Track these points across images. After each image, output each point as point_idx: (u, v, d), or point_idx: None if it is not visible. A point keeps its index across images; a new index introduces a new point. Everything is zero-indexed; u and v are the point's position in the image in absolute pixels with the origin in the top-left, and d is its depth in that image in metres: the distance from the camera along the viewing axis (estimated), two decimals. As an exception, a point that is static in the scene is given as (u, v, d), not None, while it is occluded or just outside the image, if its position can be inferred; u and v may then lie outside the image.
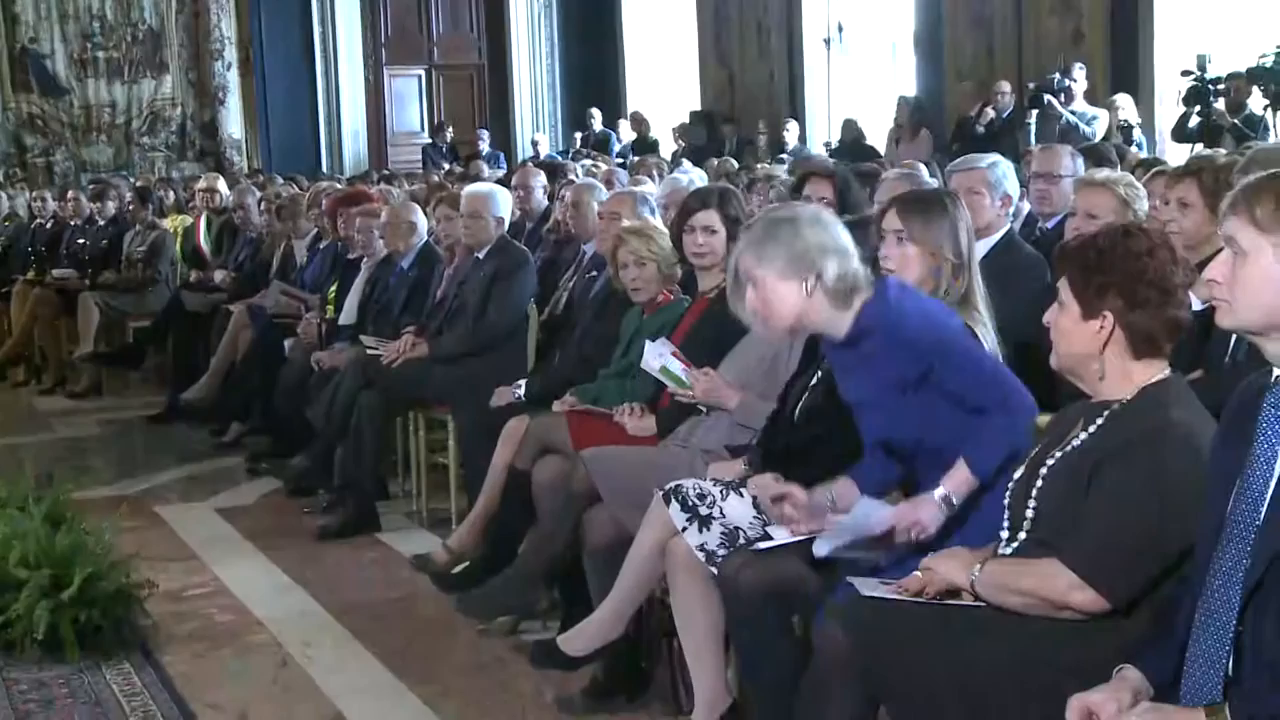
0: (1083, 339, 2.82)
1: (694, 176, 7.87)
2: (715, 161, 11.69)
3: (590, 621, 4.10)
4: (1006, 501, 2.96)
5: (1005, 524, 2.95)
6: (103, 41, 17.03)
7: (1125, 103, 10.30)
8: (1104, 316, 2.79)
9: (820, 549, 3.26)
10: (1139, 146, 9.41)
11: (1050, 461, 2.86)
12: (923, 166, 7.29)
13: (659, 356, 4.47)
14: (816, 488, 3.51)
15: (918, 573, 3.00)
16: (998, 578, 2.83)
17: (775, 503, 3.55)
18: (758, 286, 3.33)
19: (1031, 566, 2.79)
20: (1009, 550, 2.90)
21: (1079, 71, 10.78)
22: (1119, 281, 2.77)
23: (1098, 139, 9.63)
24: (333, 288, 7.65)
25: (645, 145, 15.60)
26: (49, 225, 11.17)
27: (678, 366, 4.43)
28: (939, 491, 3.20)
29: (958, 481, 3.20)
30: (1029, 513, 2.88)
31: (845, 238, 3.36)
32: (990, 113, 11.33)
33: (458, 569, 5.20)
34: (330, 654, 4.76)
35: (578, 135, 17.04)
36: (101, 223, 10.63)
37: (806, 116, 15.29)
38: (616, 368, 5.12)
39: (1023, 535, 2.89)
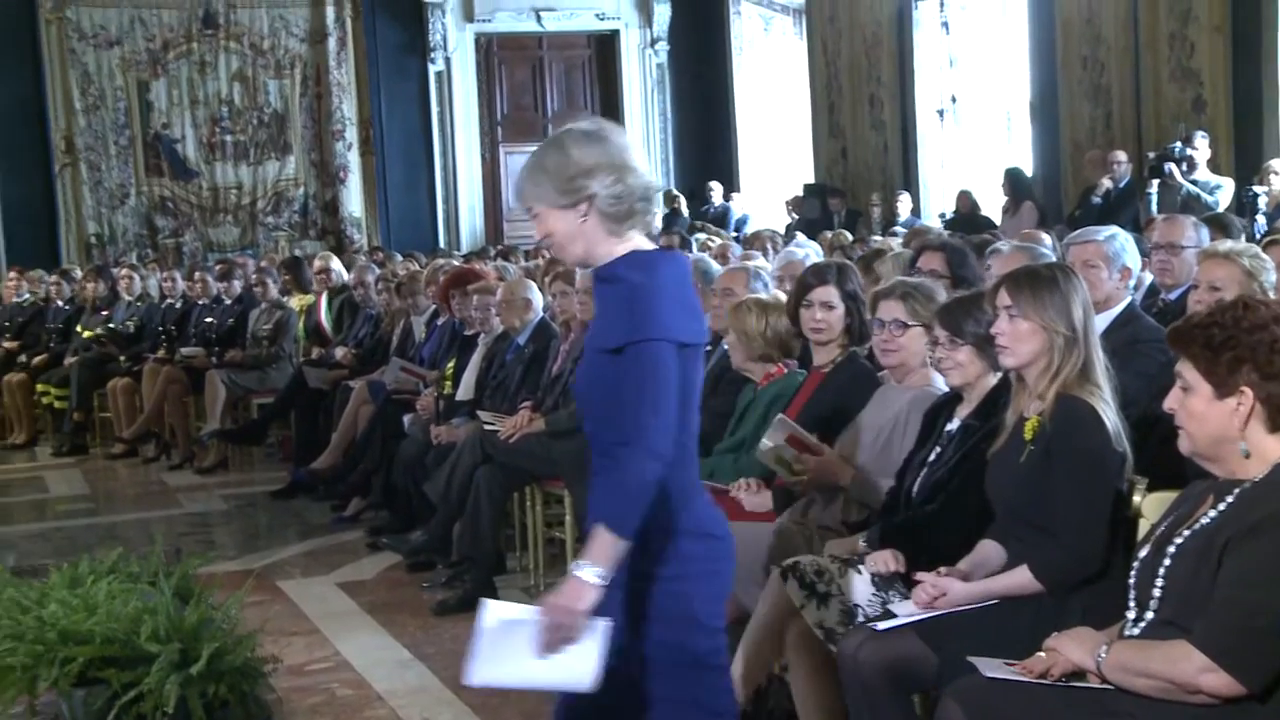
0: (1219, 419, 2.77)
1: (810, 250, 7.87)
2: (829, 234, 11.70)
3: (708, 699, 4.07)
4: (1132, 580, 2.90)
5: (1131, 603, 2.89)
6: (230, 125, 17.54)
7: None
8: (1241, 393, 2.74)
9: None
10: (1266, 216, 9.21)
11: (1178, 540, 2.81)
12: (1046, 238, 7.21)
13: (775, 443, 4.44)
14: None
15: (1041, 654, 2.95)
16: (1124, 660, 2.77)
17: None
18: (538, 220, 3.01)
19: (1160, 648, 2.73)
20: (1135, 631, 2.85)
21: (1201, 140, 10.60)
22: (1251, 354, 2.73)
23: (1221, 209, 9.46)
24: (450, 364, 7.75)
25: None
26: (178, 305, 11.47)
27: (791, 453, 4.40)
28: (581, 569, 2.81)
29: (598, 551, 2.81)
30: (1156, 592, 2.82)
31: (623, 152, 2.95)
32: (1107, 183, 11.20)
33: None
34: (449, 729, 4.79)
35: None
36: (228, 302, 10.89)
37: (920, 188, 15.25)
38: (730, 443, 5.13)
39: (1150, 615, 2.83)
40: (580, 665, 2.84)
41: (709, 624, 3.03)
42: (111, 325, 11.45)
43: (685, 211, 16.72)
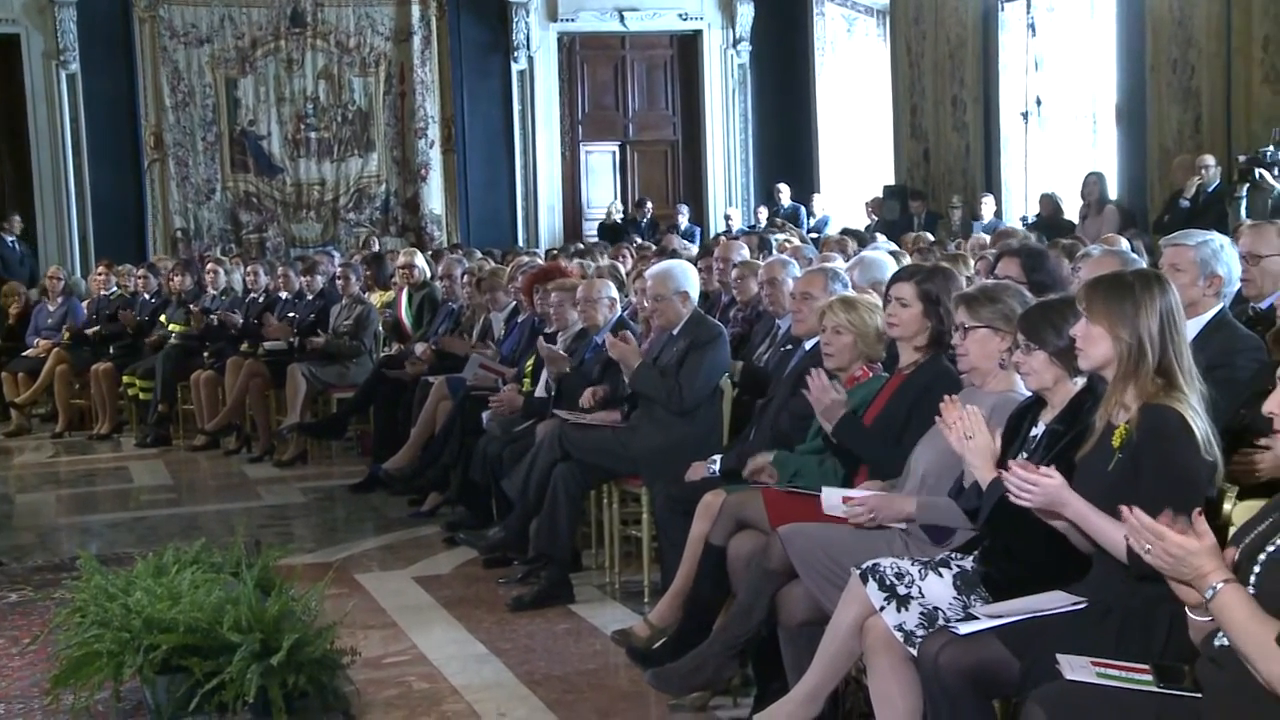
0: None
1: (885, 252, 7.84)
2: (911, 236, 11.62)
3: (786, 701, 4.06)
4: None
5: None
6: (315, 122, 17.75)
7: None
8: None
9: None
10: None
11: (1270, 549, 2.75)
12: (1125, 242, 7.13)
13: (833, 508, 4.40)
14: None
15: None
16: (1237, 613, 2.64)
17: None
18: None
19: (1266, 630, 2.62)
20: (1226, 640, 2.78)
21: (1293, 144, 10.42)
22: None
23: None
24: (530, 361, 7.76)
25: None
26: (261, 299, 11.60)
27: (845, 509, 4.35)
28: None
29: None
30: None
31: None
32: (1195, 187, 11.02)
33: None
34: (525, 725, 4.80)
35: (763, 210, 17.17)
36: (310, 296, 10.99)
37: (1003, 190, 15.11)
38: (814, 445, 5.10)
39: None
40: None
41: None
42: (208, 308, 11.56)
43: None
